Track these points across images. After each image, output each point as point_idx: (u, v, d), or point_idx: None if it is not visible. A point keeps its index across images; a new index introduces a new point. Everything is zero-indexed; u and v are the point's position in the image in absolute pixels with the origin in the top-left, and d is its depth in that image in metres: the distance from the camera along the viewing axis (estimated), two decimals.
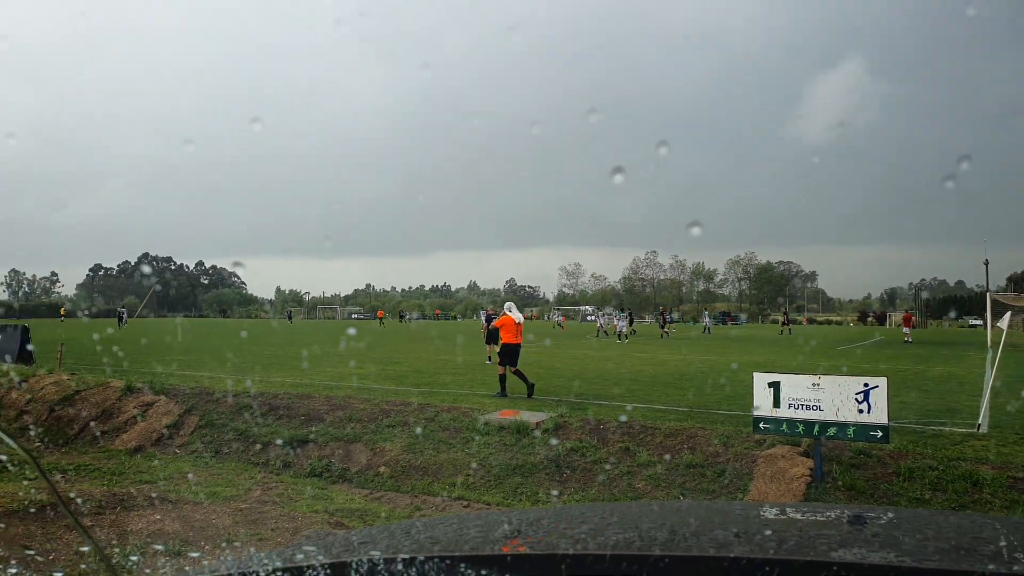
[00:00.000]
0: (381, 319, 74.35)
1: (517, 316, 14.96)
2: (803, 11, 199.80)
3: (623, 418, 11.30)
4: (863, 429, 8.58)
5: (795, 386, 9.06)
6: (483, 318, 23.47)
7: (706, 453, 10.01)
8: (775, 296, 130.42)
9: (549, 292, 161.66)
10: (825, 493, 8.84)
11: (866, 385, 8.68)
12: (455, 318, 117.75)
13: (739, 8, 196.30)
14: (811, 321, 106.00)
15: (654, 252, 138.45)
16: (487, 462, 10.32)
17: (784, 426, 9.07)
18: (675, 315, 72.83)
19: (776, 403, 9.13)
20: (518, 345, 14.76)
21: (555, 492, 9.59)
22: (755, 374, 9.46)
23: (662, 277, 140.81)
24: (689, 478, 9.60)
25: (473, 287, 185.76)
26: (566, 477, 9.97)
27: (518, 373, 14.64)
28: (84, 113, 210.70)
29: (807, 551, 1.41)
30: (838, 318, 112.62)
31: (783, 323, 60.39)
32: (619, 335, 43.01)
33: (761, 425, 9.26)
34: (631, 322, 45.24)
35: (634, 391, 15.38)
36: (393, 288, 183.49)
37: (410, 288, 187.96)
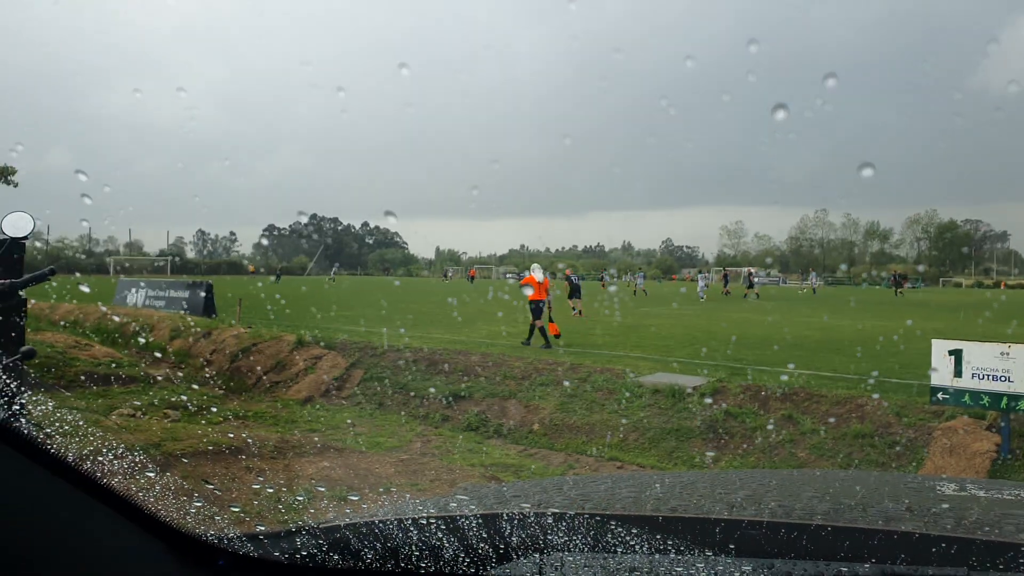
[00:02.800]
0: (472, 278, 75.13)
1: (539, 276, 16.40)
2: None
3: (785, 384, 10.86)
4: None
5: (980, 355, 8.43)
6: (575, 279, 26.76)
7: (876, 423, 9.47)
8: (958, 257, 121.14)
9: (709, 253, 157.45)
10: (1013, 471, 8.22)
11: None
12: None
13: None
14: (1005, 285, 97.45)
15: (824, 210, 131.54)
16: (641, 424, 10.23)
17: (966, 397, 8.48)
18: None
19: (957, 372, 8.54)
20: (542, 301, 16.02)
21: (710, 454, 9.39)
22: (934, 341, 8.88)
23: (832, 237, 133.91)
24: (857, 448, 9.13)
25: (627, 248, 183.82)
26: (724, 443, 9.72)
27: (540, 329, 15.74)
28: (266, 84, 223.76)
29: (991, 530, 1.32)
30: None
31: (895, 284, 58.49)
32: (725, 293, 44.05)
33: (939, 395, 8.69)
34: (726, 283, 47.35)
35: (797, 356, 14.74)
36: (547, 248, 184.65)
37: (563, 248, 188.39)
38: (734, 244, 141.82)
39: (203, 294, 21.47)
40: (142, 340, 17.39)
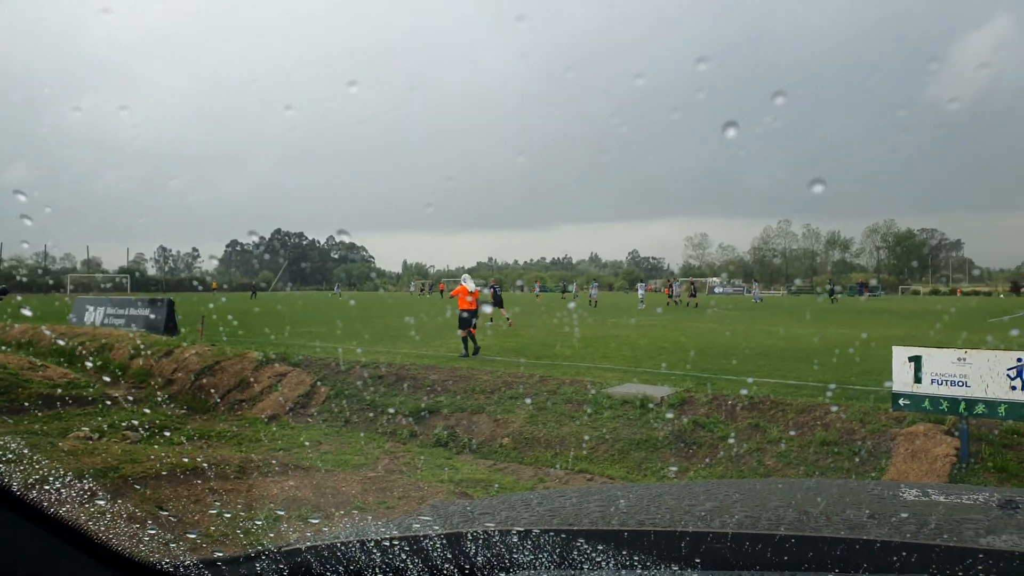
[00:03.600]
0: (442, 292, 74.75)
1: (471, 286, 17.01)
2: None
3: (751, 393, 10.92)
4: (1016, 407, 8.07)
5: (938, 361, 8.57)
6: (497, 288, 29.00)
7: (841, 430, 9.56)
8: (916, 266, 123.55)
9: (674, 264, 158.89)
10: (972, 475, 8.33)
11: (1019, 360, 8.13)
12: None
13: None
14: (960, 293, 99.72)
15: (787, 221, 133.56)
16: (610, 436, 10.21)
17: (926, 403, 8.60)
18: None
19: (917, 379, 8.67)
20: (473, 311, 16.72)
21: (675, 468, 9.39)
22: (894, 348, 9.00)
23: (794, 247, 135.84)
24: (823, 456, 9.20)
25: (594, 259, 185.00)
26: (692, 453, 9.74)
27: (470, 336, 16.38)
28: (233, 97, 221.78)
29: (951, 536, 1.34)
30: (986, 289, 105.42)
31: (829, 292, 63.34)
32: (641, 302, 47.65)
33: (900, 401, 8.80)
34: (672, 292, 50.89)
35: (763, 366, 14.87)
36: (515, 261, 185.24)
37: (531, 260, 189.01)
38: (699, 255, 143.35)
39: (164, 312, 21.14)
40: (96, 361, 17.03)
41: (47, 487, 1.33)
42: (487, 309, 16.36)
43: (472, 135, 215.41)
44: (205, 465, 7.56)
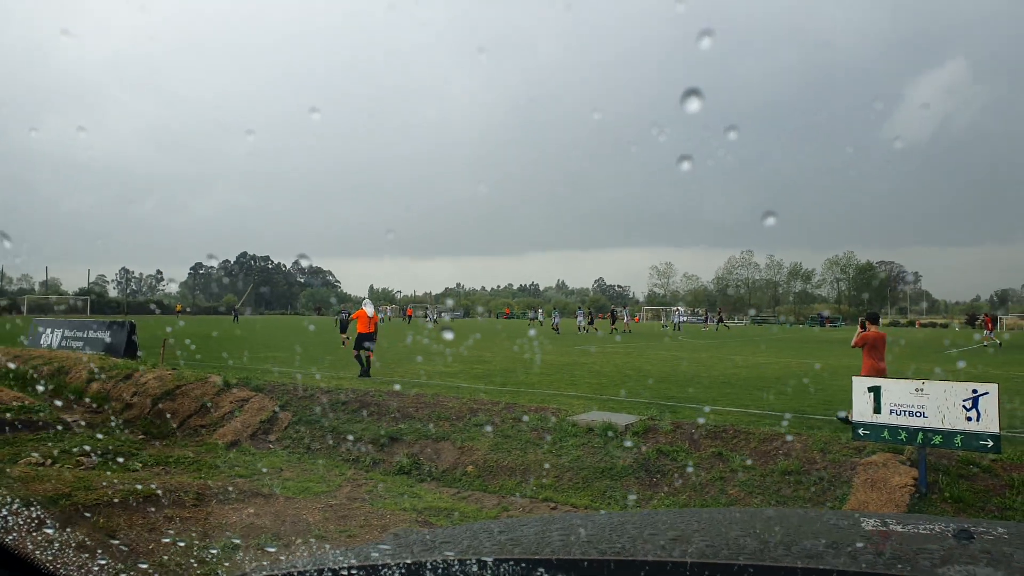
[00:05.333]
0: (410, 317, 74.44)
1: (370, 311, 18.00)
2: (905, 14, 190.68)
3: (715, 422, 10.99)
4: (972, 438, 8.17)
5: (897, 391, 8.70)
6: (344, 314, 30.21)
7: (802, 460, 9.63)
8: (876, 297, 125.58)
9: (640, 292, 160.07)
10: (930, 505, 8.42)
11: (975, 391, 8.27)
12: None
13: (841, 12, 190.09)
14: (915, 324, 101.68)
15: (749, 252, 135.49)
16: (575, 464, 10.19)
17: (885, 433, 8.71)
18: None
19: (877, 409, 8.78)
20: (371, 334, 17.72)
21: (639, 497, 9.38)
22: (854, 379, 9.13)
23: (757, 277, 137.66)
24: (785, 485, 9.26)
25: (561, 286, 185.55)
26: (656, 481, 9.75)
27: (365, 357, 17.46)
28: (198, 120, 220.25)
29: (905, 566, 1.34)
30: (943, 320, 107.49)
31: (718, 320, 70.21)
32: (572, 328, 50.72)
33: (860, 431, 8.90)
34: (592, 320, 54.42)
35: (727, 395, 14.98)
36: (483, 287, 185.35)
37: (499, 287, 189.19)
38: (663, 284, 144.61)
39: (125, 334, 20.77)
40: (51, 384, 16.66)
41: None
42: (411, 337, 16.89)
43: (441, 162, 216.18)
44: (161, 492, 7.39)
